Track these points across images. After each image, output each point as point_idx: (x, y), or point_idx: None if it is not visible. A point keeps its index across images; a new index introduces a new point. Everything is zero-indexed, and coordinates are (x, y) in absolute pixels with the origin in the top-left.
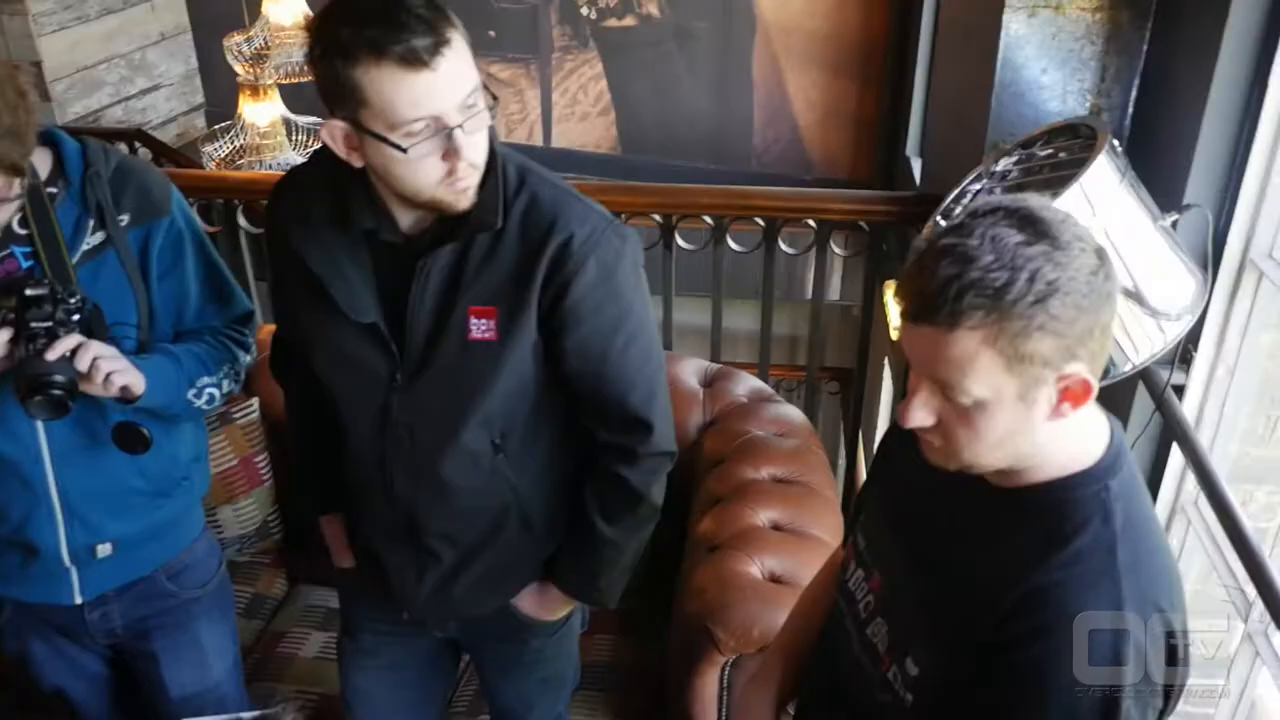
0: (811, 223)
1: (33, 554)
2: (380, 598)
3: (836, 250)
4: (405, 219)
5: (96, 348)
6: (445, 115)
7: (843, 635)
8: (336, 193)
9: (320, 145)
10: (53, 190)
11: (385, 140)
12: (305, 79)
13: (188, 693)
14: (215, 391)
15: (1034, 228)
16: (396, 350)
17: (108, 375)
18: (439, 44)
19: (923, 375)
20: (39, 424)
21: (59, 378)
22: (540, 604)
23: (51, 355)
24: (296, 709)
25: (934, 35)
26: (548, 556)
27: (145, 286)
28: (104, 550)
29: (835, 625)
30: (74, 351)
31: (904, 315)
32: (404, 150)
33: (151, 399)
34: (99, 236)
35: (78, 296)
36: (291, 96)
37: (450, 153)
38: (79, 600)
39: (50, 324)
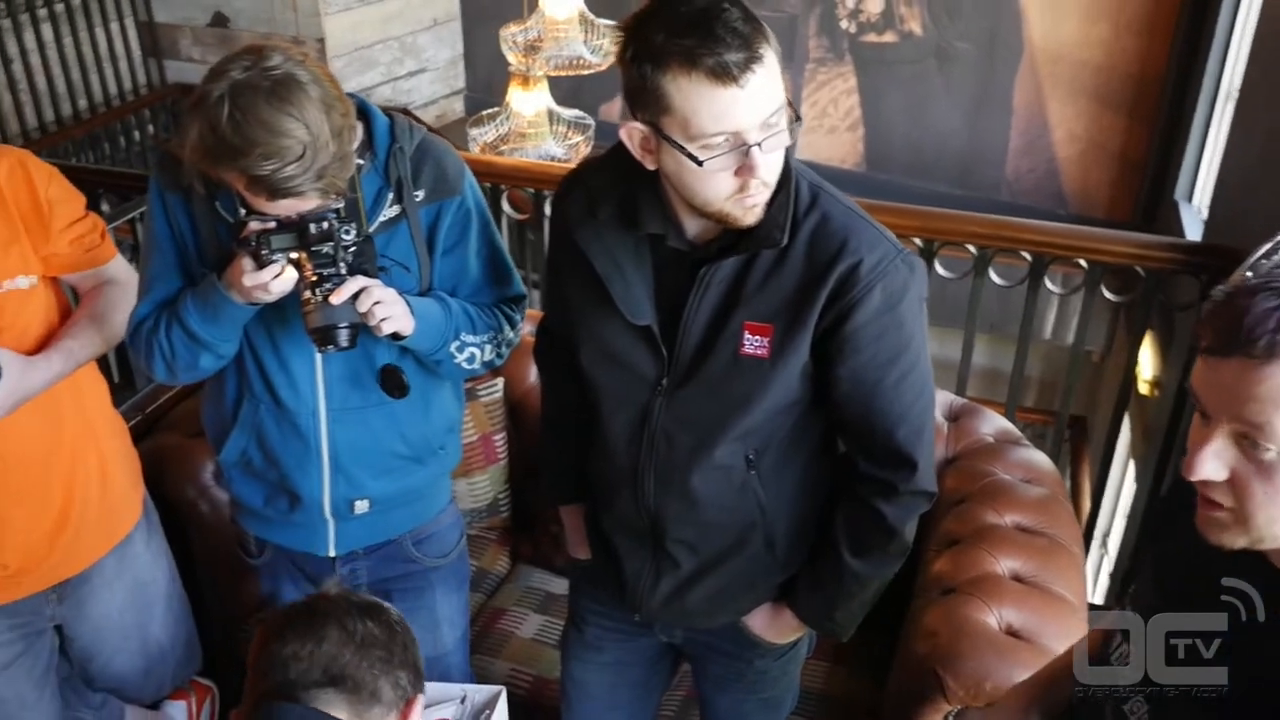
0: (1082, 263)
1: (297, 502)
2: (612, 594)
3: (1108, 295)
4: (692, 226)
5: (378, 292)
6: (746, 132)
7: (1093, 711)
8: (626, 193)
9: (615, 144)
10: (360, 162)
11: (682, 149)
12: (574, 72)
13: None
14: (477, 352)
15: None
16: (666, 355)
17: (382, 319)
18: (751, 61)
19: (1220, 420)
20: (319, 381)
21: (343, 324)
22: (772, 626)
23: (336, 300)
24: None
25: (1219, 76)
26: (786, 579)
27: (430, 260)
28: (361, 507)
29: (1085, 700)
30: (356, 295)
31: (1205, 350)
32: (699, 162)
33: (417, 341)
34: (395, 209)
35: (355, 232)
36: (554, 88)
37: (745, 169)
38: (333, 553)
39: (333, 268)
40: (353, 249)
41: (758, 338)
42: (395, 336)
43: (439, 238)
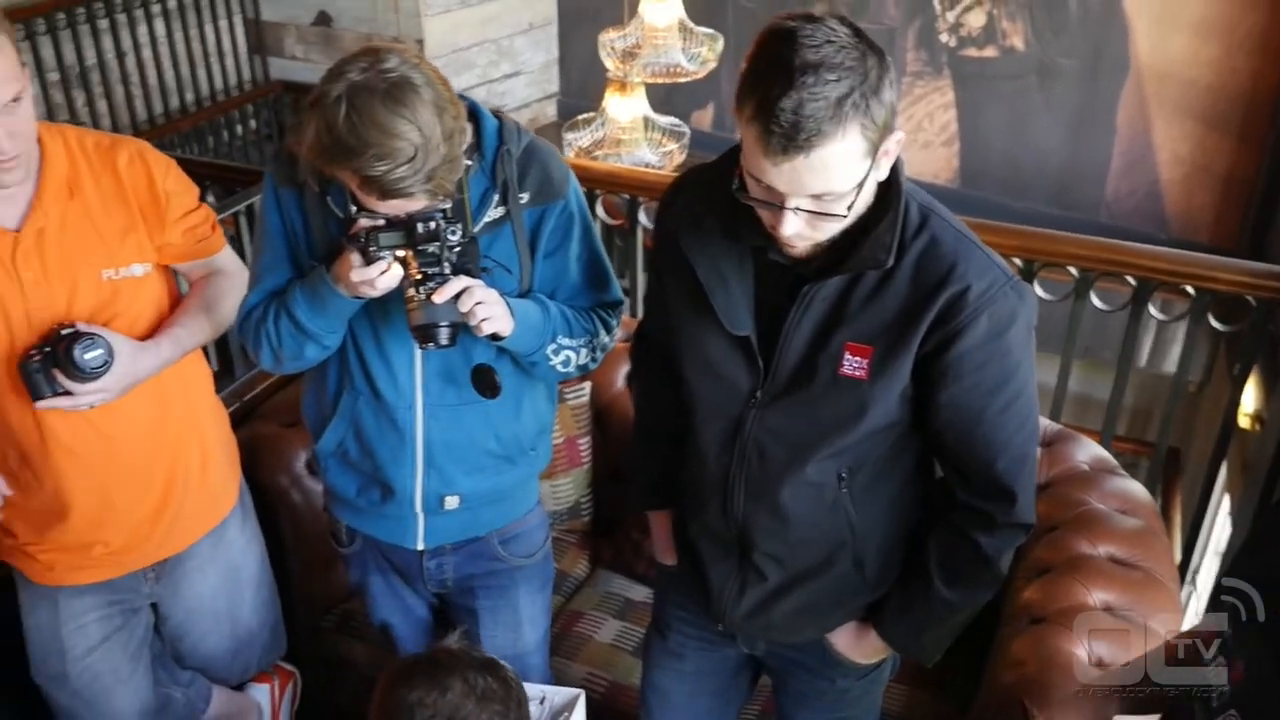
0: (1189, 289)
1: (390, 494)
2: (696, 602)
3: (1214, 324)
4: None
5: (480, 292)
6: (781, 195)
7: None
8: (730, 204)
9: (724, 153)
10: (468, 163)
11: (742, 183)
12: (671, 79)
13: (498, 654)
14: (572, 355)
15: None
16: (762, 368)
17: (483, 319)
18: (794, 150)
19: None
20: (417, 376)
21: (445, 323)
22: (856, 645)
23: (439, 299)
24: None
25: None
26: (874, 600)
27: (531, 262)
28: (451, 503)
29: (1178, 710)
30: (458, 295)
31: None
32: (740, 190)
33: (515, 342)
34: (500, 211)
35: (461, 233)
36: (648, 94)
37: (774, 222)
38: (420, 547)
39: (437, 267)
40: (457, 249)
41: (857, 358)
42: (494, 337)
43: (541, 240)
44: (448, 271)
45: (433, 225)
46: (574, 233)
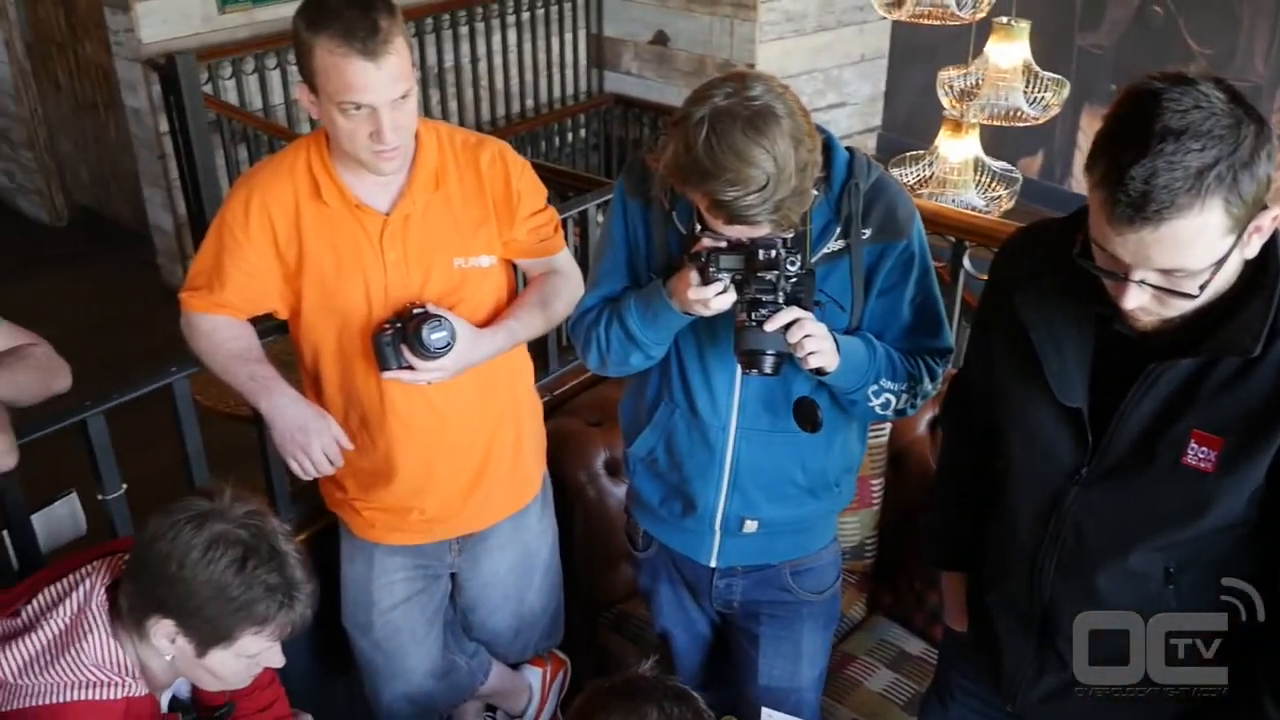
0: None
1: (691, 509)
2: (985, 675)
3: None
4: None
5: (810, 325)
6: (1126, 270)
7: None
8: (1075, 265)
9: (1077, 210)
10: (814, 193)
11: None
12: (1009, 123)
13: (774, 684)
14: (892, 399)
15: None
16: (1092, 444)
17: (809, 353)
18: (1153, 221)
19: None
20: (735, 398)
21: (771, 351)
22: None
23: (770, 327)
24: None
25: None
26: (1187, 711)
27: (864, 299)
28: (750, 527)
29: None
30: (788, 325)
31: None
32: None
33: (838, 379)
34: (839, 244)
35: (799, 264)
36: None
37: (1117, 294)
38: (713, 564)
39: (772, 295)
40: (794, 279)
41: (1205, 449)
42: (818, 371)
43: (878, 278)
44: (781, 300)
45: (773, 254)
46: (912, 274)
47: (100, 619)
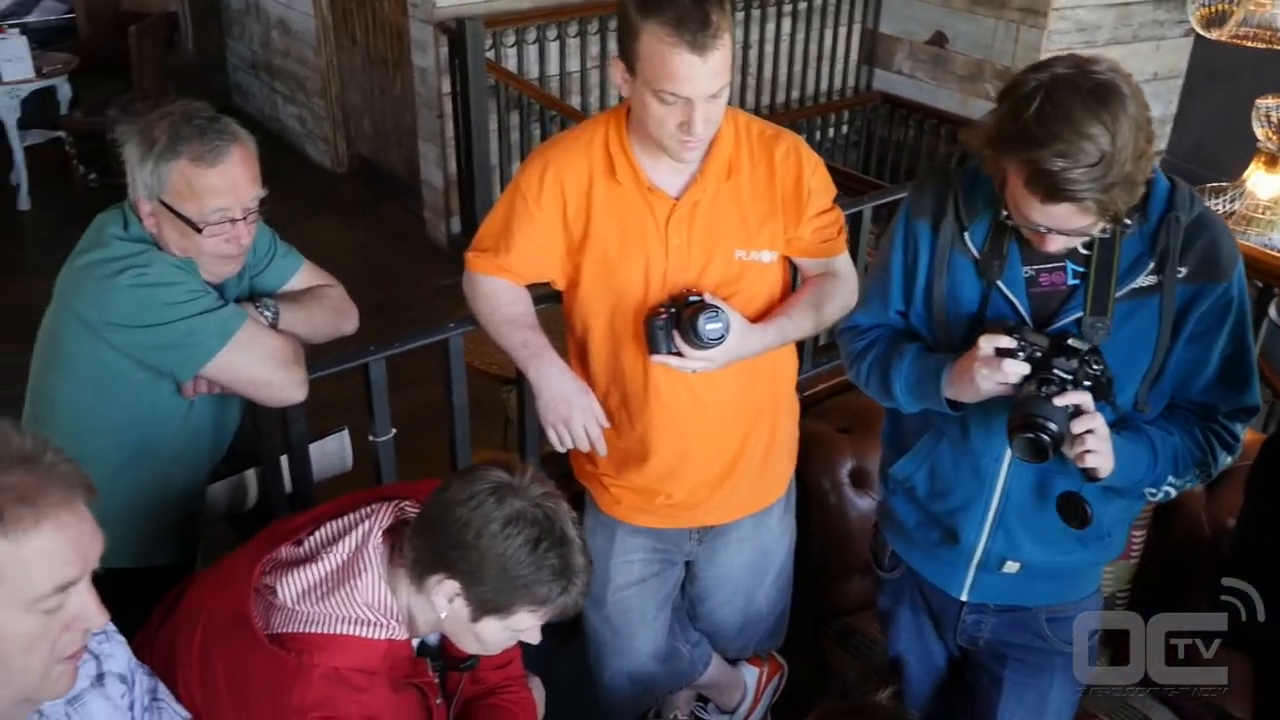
0: None
1: (950, 539)
2: None
3: None
4: None
5: (1097, 422)
6: None
7: None
8: None
9: None
10: (1127, 222)
11: None
12: None
13: None
14: (1172, 490)
15: None
16: None
17: (1086, 452)
18: None
19: None
20: None
21: (1052, 426)
22: None
23: (1059, 401)
24: None
25: None
26: None
27: (1170, 343)
28: (1011, 567)
29: None
30: (1076, 410)
31: None
32: None
33: (1109, 480)
34: (1151, 280)
35: (1103, 368)
36: None
37: None
38: (964, 598)
39: (1070, 377)
40: (1094, 377)
41: None
42: (1089, 474)
43: (1189, 323)
44: (1069, 387)
45: (1075, 363)
46: (1228, 322)
47: (375, 561)
